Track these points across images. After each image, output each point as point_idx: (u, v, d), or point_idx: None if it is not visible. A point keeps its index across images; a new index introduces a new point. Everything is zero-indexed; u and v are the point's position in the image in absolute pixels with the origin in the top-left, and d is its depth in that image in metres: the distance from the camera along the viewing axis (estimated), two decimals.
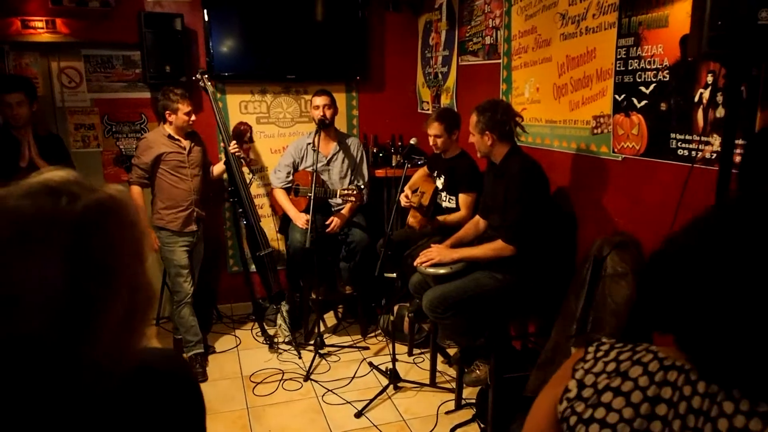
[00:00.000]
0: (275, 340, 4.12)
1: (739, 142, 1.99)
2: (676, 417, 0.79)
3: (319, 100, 3.97)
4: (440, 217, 3.62)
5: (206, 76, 3.90)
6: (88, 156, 4.23)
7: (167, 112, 3.66)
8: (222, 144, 3.90)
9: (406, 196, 3.66)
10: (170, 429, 0.90)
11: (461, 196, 3.57)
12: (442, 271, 3.08)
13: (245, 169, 4.15)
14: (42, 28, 3.91)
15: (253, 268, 4.30)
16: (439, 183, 3.72)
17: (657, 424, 0.80)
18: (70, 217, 0.74)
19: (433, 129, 3.53)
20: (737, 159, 2.01)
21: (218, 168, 4.03)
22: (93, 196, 0.77)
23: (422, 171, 3.99)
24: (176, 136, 3.72)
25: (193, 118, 3.71)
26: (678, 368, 0.83)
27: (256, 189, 4.65)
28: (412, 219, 3.74)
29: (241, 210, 4.04)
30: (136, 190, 3.68)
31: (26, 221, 0.72)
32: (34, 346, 0.71)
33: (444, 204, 3.71)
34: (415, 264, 3.18)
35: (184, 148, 3.75)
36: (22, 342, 0.71)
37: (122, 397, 0.81)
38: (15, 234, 0.71)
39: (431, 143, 3.58)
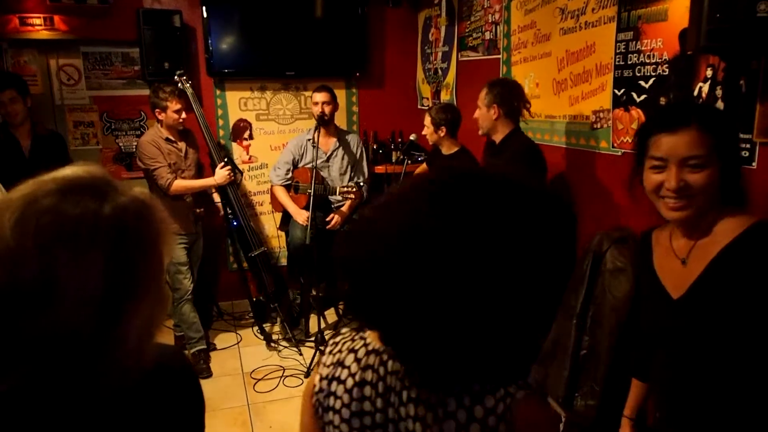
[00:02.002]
0: (273, 337, 4.12)
1: (739, 136, 1.99)
2: (377, 396, 0.90)
3: (319, 97, 3.96)
4: None
5: (184, 77, 3.85)
6: (88, 153, 4.23)
7: (157, 110, 3.60)
8: (208, 146, 3.88)
9: None
10: (175, 423, 0.91)
11: None
12: None
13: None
14: (40, 25, 3.90)
15: (247, 266, 4.28)
16: None
17: (367, 404, 0.91)
18: (112, 219, 0.76)
19: (425, 120, 3.56)
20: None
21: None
22: (125, 198, 0.79)
23: (422, 169, 3.98)
24: (173, 139, 3.69)
25: (183, 116, 3.63)
26: (375, 351, 0.93)
27: (255, 186, 4.65)
28: None
29: (230, 211, 4.02)
30: (178, 181, 3.63)
31: (72, 221, 0.73)
32: (70, 344, 0.73)
33: None
34: None
35: (181, 150, 3.73)
36: (59, 339, 0.73)
37: (134, 392, 0.82)
38: (61, 234, 0.72)
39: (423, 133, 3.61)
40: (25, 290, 0.71)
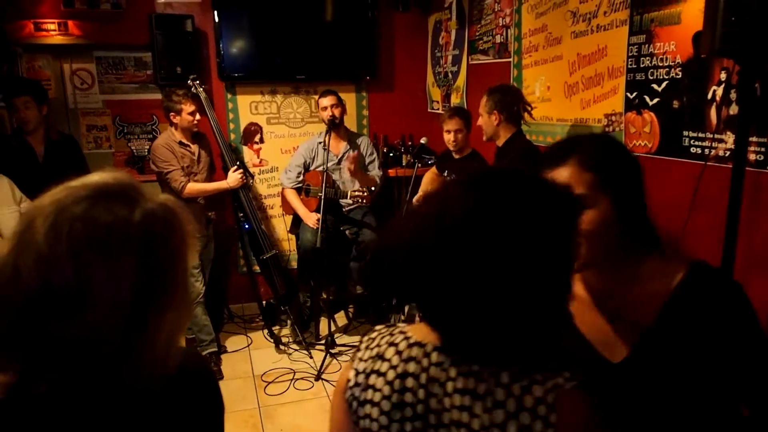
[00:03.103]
0: (283, 340, 4.13)
1: (753, 139, 1.97)
2: (420, 387, 0.91)
3: (326, 101, 3.97)
4: None
5: (197, 81, 3.89)
6: (100, 157, 4.26)
7: (171, 113, 3.65)
8: (221, 149, 3.92)
9: (416, 201, 3.66)
10: (197, 425, 0.92)
11: None
12: None
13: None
14: (54, 30, 3.95)
15: (258, 270, 4.30)
16: None
17: (408, 395, 0.92)
18: (142, 225, 0.76)
19: (454, 124, 3.51)
20: (752, 157, 1.99)
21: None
22: (154, 204, 0.80)
23: (431, 173, 3.97)
24: (186, 142, 3.73)
25: (197, 117, 3.69)
26: (418, 344, 0.95)
27: (266, 189, 4.67)
28: None
29: (242, 214, 4.04)
30: (191, 184, 3.67)
31: (104, 228, 0.74)
32: (100, 349, 0.74)
33: None
34: None
35: (194, 154, 3.76)
36: (90, 344, 0.73)
37: (159, 395, 0.83)
38: (93, 240, 0.73)
39: (451, 139, 3.53)
40: (57, 295, 0.71)
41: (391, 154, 4.68)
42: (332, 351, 3.89)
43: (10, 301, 0.72)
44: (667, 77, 2.39)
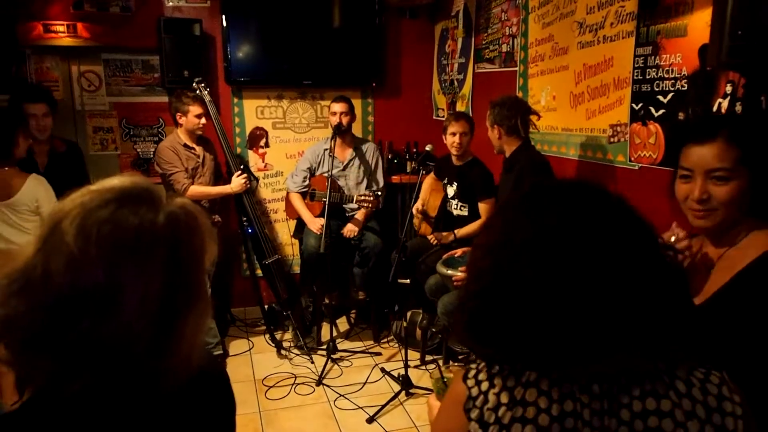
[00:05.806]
0: (284, 345, 4.13)
1: None
2: (584, 425, 0.85)
3: (337, 107, 3.99)
4: (458, 232, 3.59)
5: (203, 84, 3.91)
6: (106, 159, 4.28)
7: (178, 114, 3.68)
8: (225, 153, 3.94)
9: (416, 210, 3.67)
10: (213, 425, 0.94)
11: (481, 205, 3.54)
12: (460, 273, 3.08)
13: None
14: (63, 32, 3.97)
15: (261, 274, 4.30)
16: (451, 190, 3.70)
17: None
18: (167, 228, 0.78)
19: (460, 126, 3.50)
20: None
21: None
22: (175, 207, 0.81)
23: (430, 179, 3.96)
24: (191, 144, 3.74)
25: (203, 121, 3.72)
26: (568, 379, 0.87)
27: (270, 194, 4.68)
28: (422, 229, 3.75)
29: (245, 219, 4.05)
30: (193, 187, 3.69)
31: (132, 230, 0.75)
32: (130, 350, 0.75)
33: (455, 212, 3.69)
34: (441, 270, 3.15)
35: (199, 156, 3.78)
36: (120, 345, 0.74)
37: (181, 395, 0.84)
38: (122, 242, 0.74)
39: (456, 142, 3.50)
40: (88, 297, 0.72)
41: (396, 161, 4.69)
42: (334, 356, 3.89)
43: (40, 303, 0.73)
44: (672, 89, 2.40)
